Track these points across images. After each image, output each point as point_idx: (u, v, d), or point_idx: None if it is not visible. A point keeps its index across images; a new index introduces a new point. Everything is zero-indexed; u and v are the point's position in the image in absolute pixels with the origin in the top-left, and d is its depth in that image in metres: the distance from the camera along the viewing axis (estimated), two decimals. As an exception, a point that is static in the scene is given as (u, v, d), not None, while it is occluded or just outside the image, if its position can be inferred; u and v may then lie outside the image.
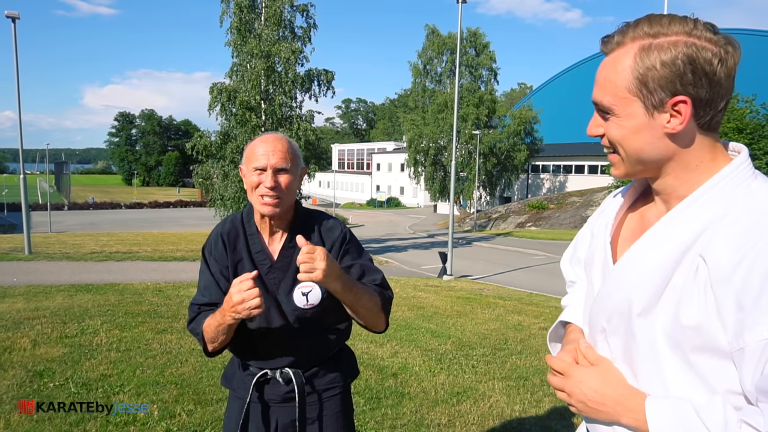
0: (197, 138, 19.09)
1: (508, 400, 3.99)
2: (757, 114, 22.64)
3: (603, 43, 0.92)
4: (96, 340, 5.11)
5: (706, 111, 0.86)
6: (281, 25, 18.80)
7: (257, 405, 1.69)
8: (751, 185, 0.87)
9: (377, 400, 3.80)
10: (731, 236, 0.81)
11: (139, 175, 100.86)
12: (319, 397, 1.71)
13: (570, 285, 1.24)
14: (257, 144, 1.59)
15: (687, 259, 0.85)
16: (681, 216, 0.89)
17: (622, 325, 0.94)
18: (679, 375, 0.87)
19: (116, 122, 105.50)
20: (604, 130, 0.94)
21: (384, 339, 5.49)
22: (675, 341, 0.86)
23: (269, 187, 1.54)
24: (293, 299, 1.62)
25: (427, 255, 20.02)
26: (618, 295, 0.95)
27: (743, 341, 0.77)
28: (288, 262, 1.64)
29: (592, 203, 31.37)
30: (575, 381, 0.96)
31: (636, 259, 0.93)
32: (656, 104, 0.86)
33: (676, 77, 0.84)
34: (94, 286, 8.55)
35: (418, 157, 40.41)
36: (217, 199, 19.33)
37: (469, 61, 38.62)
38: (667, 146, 0.89)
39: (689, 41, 0.84)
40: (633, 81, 0.87)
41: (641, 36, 0.87)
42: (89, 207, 54.39)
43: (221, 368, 4.38)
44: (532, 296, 10.73)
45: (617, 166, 0.96)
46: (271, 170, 1.55)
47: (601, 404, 0.92)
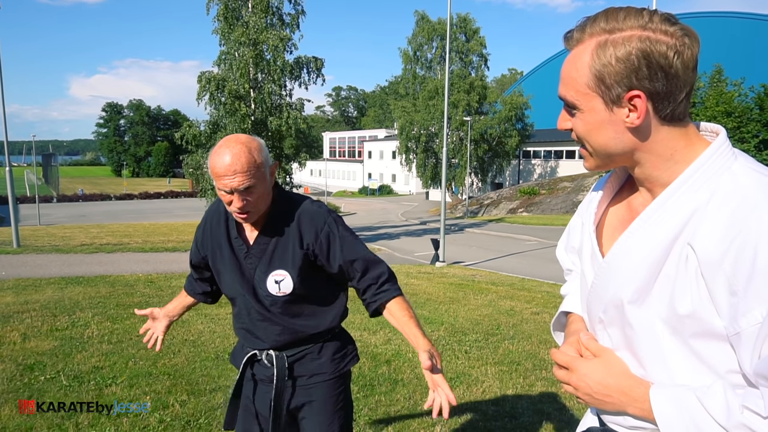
0: (186, 128, 18.87)
1: (501, 384, 4.01)
2: (746, 97, 22.76)
3: (564, 39, 0.93)
4: (87, 332, 5.08)
5: (665, 104, 0.86)
6: (269, 12, 18.55)
7: (251, 382, 1.78)
8: (732, 167, 0.86)
9: (371, 387, 3.81)
10: (717, 222, 0.81)
11: (128, 166, 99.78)
12: (305, 382, 1.72)
13: (567, 273, 1.25)
14: (217, 160, 1.50)
15: (676, 248, 0.85)
16: (665, 205, 0.89)
17: (618, 316, 0.94)
18: (681, 359, 0.87)
19: (104, 113, 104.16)
20: (572, 125, 0.95)
21: (377, 326, 5.50)
22: (673, 328, 0.87)
23: (239, 207, 1.54)
24: (266, 286, 1.66)
25: (420, 242, 20.07)
26: (611, 287, 0.95)
27: (738, 326, 0.78)
28: (263, 249, 1.66)
29: (583, 188, 31.51)
30: (580, 374, 0.96)
31: (625, 250, 0.93)
32: (614, 99, 0.87)
33: (631, 72, 0.84)
34: (85, 279, 8.50)
35: (410, 145, 40.31)
36: (208, 189, 19.17)
37: (459, 47, 38.45)
38: (631, 139, 0.90)
39: (643, 35, 0.84)
40: (591, 77, 0.88)
41: (598, 32, 0.87)
42: (78, 199, 53.81)
43: (214, 359, 4.38)
44: (524, 281, 10.79)
45: (587, 160, 0.98)
46: (237, 194, 1.51)
47: (607, 396, 0.93)
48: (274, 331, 1.69)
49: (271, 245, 1.66)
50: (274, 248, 1.65)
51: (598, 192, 1.09)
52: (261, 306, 1.68)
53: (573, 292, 1.19)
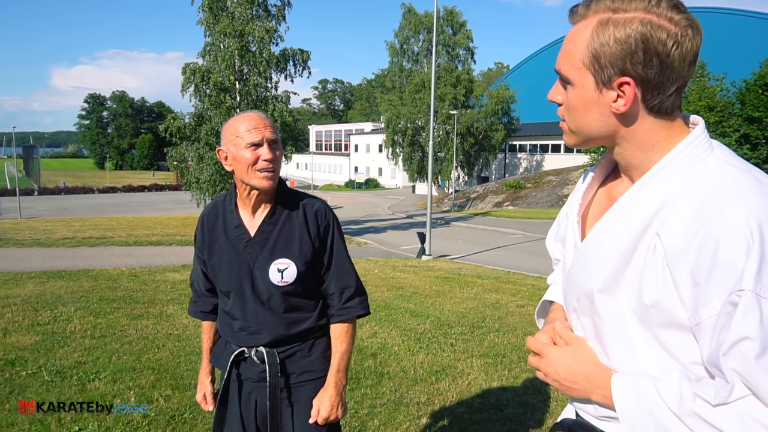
0: (171, 120, 18.64)
1: (486, 377, 4.05)
2: (728, 92, 23.08)
3: (570, 13, 0.92)
4: (69, 327, 5.01)
5: (654, 94, 0.85)
6: (254, 3, 18.34)
7: (236, 383, 1.73)
8: (707, 160, 0.86)
9: (357, 381, 3.82)
10: (684, 214, 0.81)
11: (111, 158, 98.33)
12: (295, 380, 1.70)
13: (555, 263, 1.26)
14: (241, 122, 1.59)
15: (645, 238, 0.86)
16: (639, 194, 0.89)
17: (589, 305, 0.95)
18: (647, 349, 0.88)
19: (86, 104, 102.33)
20: (563, 98, 0.95)
21: (363, 319, 5.51)
22: (641, 318, 0.88)
23: (269, 159, 1.57)
24: (268, 275, 1.64)
25: (406, 235, 20.09)
26: (583, 275, 0.96)
27: (699, 317, 0.79)
28: (266, 237, 1.66)
29: (569, 182, 31.76)
30: (549, 360, 0.98)
31: (598, 239, 0.94)
32: (605, 81, 0.86)
33: (626, 55, 0.83)
34: (67, 273, 8.38)
35: (396, 138, 40.23)
36: (193, 182, 18.99)
37: (446, 41, 38.36)
38: (615, 124, 0.89)
39: (646, 19, 0.82)
40: (588, 55, 0.87)
41: (603, 9, 0.86)
42: (60, 192, 52.87)
43: (199, 353, 4.33)
44: (509, 275, 10.87)
45: (568, 135, 0.97)
46: (267, 143, 1.57)
47: (573, 382, 0.95)
48: (268, 325, 1.66)
49: (274, 234, 1.65)
50: (277, 237, 1.65)
51: (585, 182, 1.09)
52: (256, 299, 1.66)
53: (557, 281, 1.21)
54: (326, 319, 1.75)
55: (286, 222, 1.66)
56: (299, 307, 1.69)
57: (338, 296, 1.72)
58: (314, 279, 1.71)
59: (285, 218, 1.67)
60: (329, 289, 1.73)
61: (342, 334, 1.73)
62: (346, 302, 1.73)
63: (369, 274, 9.32)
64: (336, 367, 1.69)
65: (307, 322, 1.70)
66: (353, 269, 1.77)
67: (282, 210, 1.67)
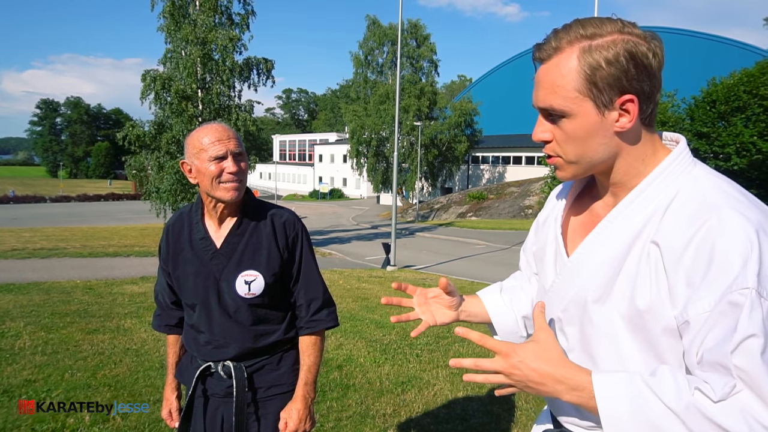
0: (129, 128, 18.11)
1: (452, 387, 4.06)
2: (678, 108, 24.10)
3: (538, 49, 0.92)
4: (18, 343, 4.77)
5: (647, 105, 0.90)
6: (217, 10, 18.11)
7: (201, 398, 1.69)
8: (693, 172, 0.91)
9: (322, 393, 3.77)
10: (680, 220, 0.85)
11: (65, 166, 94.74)
12: (263, 395, 1.66)
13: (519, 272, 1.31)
14: (204, 134, 1.56)
15: (637, 246, 0.89)
16: (629, 207, 0.93)
17: (579, 314, 0.97)
18: (638, 357, 0.90)
19: (38, 110, 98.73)
20: (553, 135, 0.94)
21: (328, 331, 5.44)
22: (633, 324, 0.89)
23: (233, 172, 1.54)
24: (235, 287, 1.60)
25: (371, 246, 20.08)
26: (574, 286, 0.98)
27: (687, 314, 0.81)
28: (233, 249, 1.62)
29: (530, 193, 32.47)
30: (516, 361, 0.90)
31: (590, 250, 0.96)
32: (606, 103, 0.88)
33: (621, 74, 0.87)
34: (16, 286, 7.99)
35: (361, 149, 40.33)
36: (153, 191, 18.47)
37: (410, 53, 38.83)
38: (618, 144, 0.92)
39: (625, 38, 0.87)
40: (582, 82, 0.88)
41: (577, 39, 0.88)
42: (9, 201, 50.52)
43: (159, 368, 4.20)
44: (473, 284, 10.98)
45: (564, 169, 0.96)
46: (231, 155, 1.55)
47: (541, 384, 0.89)
48: (235, 338, 1.62)
49: (241, 245, 1.62)
50: (244, 248, 1.62)
51: (560, 196, 1.12)
52: (223, 312, 1.62)
53: (507, 286, 1.27)
54: (295, 332, 1.72)
55: (253, 233, 1.64)
56: (267, 320, 1.66)
57: (306, 308, 1.70)
58: (282, 291, 1.69)
59: (252, 229, 1.64)
60: (297, 301, 1.71)
61: (310, 346, 1.70)
62: (315, 314, 1.70)
63: (334, 285, 9.24)
64: (304, 380, 1.67)
65: (275, 334, 1.67)
66: (322, 281, 1.75)
67: (249, 221, 1.64)
